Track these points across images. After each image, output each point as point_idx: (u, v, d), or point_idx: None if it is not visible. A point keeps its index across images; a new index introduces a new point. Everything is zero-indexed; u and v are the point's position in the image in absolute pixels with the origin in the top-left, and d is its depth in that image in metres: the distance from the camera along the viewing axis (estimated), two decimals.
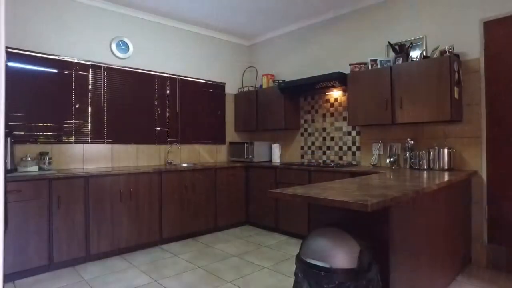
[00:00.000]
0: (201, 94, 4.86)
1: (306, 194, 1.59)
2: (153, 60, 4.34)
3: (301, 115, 4.65)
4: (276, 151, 4.79)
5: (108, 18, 3.93)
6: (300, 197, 1.59)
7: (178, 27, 4.60)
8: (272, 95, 4.60)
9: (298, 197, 1.60)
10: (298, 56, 4.70)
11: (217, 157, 5.05)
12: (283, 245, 3.71)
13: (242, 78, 5.40)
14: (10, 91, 3.26)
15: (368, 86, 3.52)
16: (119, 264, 3.15)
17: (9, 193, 2.77)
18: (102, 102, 3.85)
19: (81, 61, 3.71)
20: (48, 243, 2.96)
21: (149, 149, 4.28)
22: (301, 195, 1.58)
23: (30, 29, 3.40)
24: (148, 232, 3.61)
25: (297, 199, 1.61)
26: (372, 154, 3.84)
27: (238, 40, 5.34)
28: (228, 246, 3.72)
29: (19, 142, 3.29)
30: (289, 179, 4.02)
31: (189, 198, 4.00)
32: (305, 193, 1.61)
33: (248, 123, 5.02)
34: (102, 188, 3.28)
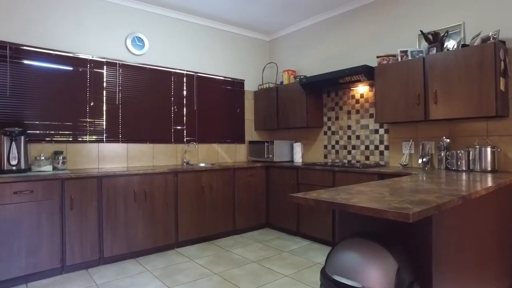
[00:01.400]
0: (219, 91, 4.69)
1: (332, 199, 1.37)
2: (170, 56, 4.21)
3: (324, 112, 4.39)
4: (297, 151, 4.56)
5: (124, 14, 3.83)
6: (325, 203, 1.37)
7: (196, 22, 4.45)
8: (294, 91, 4.36)
9: (323, 203, 1.38)
10: (320, 50, 4.44)
11: (236, 156, 4.87)
12: (306, 251, 3.48)
13: (262, 74, 5.19)
14: (26, 90, 3.20)
15: (397, 80, 3.23)
16: (133, 268, 3.02)
17: (22, 193, 2.69)
18: (117, 100, 3.75)
19: (96, 58, 3.62)
20: (60, 245, 2.87)
21: (166, 148, 4.15)
22: (327, 201, 1.36)
23: (46, 27, 3.34)
24: (163, 235, 3.47)
25: (322, 205, 1.38)
26: (402, 153, 3.54)
27: (258, 35, 5.14)
28: (246, 250, 3.52)
29: (34, 141, 3.23)
30: (312, 180, 3.78)
31: (206, 199, 3.84)
32: (331, 199, 1.39)
33: (268, 121, 4.81)
34: (115, 188, 3.16)
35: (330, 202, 1.35)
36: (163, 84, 4.13)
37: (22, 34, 3.22)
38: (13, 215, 2.66)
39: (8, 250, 2.64)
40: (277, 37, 5.12)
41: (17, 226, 2.68)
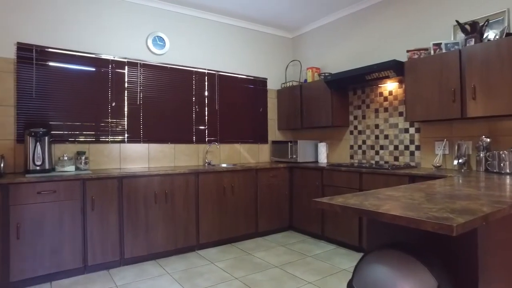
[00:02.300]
0: (241, 90, 4.60)
1: (360, 206, 1.22)
2: (191, 55, 4.16)
3: (351, 111, 4.20)
4: (322, 151, 4.39)
5: (144, 14, 3.82)
6: (353, 210, 1.23)
7: (217, 20, 4.38)
8: (318, 89, 4.20)
9: (350, 209, 1.24)
10: (346, 46, 4.25)
11: (259, 157, 4.76)
12: (331, 256, 3.31)
13: (285, 72, 5.06)
14: (50, 91, 3.24)
15: (430, 75, 3.00)
16: (153, 270, 2.98)
17: (45, 193, 2.71)
18: (138, 100, 3.75)
19: (118, 58, 3.63)
20: (82, 245, 2.87)
21: (187, 148, 4.11)
22: (355, 208, 1.22)
23: (70, 29, 3.38)
24: (184, 237, 3.42)
25: (348, 211, 1.24)
26: (435, 154, 3.30)
27: (281, 33, 5.00)
28: (269, 254, 3.40)
29: (58, 141, 3.27)
30: (337, 182, 3.60)
31: (228, 201, 3.76)
32: (359, 205, 1.25)
33: (292, 120, 4.67)
34: (136, 189, 3.14)
35: (358, 209, 1.21)
36: (184, 84, 4.09)
37: (47, 36, 3.27)
38: (37, 215, 2.69)
39: (33, 249, 2.67)
40: (300, 33, 4.97)
41: (41, 225, 2.70)
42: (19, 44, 3.13)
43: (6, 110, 3.07)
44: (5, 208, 2.59)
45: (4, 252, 2.58)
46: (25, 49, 3.15)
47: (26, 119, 3.13)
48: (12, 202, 2.61)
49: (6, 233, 2.59)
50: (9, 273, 2.60)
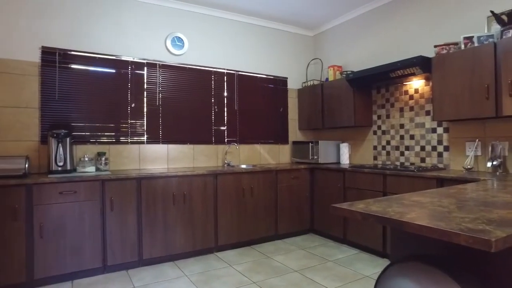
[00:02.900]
0: (261, 90, 4.54)
1: (383, 214, 1.12)
2: (210, 55, 4.14)
3: (374, 110, 4.03)
4: (344, 152, 4.25)
5: (163, 14, 3.83)
6: (375, 218, 1.13)
7: (236, 20, 4.34)
8: (340, 88, 4.07)
9: (371, 217, 1.14)
10: (369, 43, 4.09)
11: (279, 158, 4.68)
12: (353, 261, 3.18)
13: (306, 71, 4.94)
14: (72, 93, 3.31)
15: (460, 71, 2.82)
16: (170, 272, 2.97)
17: (66, 194, 2.75)
18: (157, 100, 3.76)
19: (137, 59, 3.65)
20: (102, 246, 2.90)
21: (206, 149, 4.09)
22: (377, 216, 1.12)
23: (91, 32, 3.43)
24: (202, 239, 3.39)
25: (370, 219, 1.15)
26: (466, 155, 3.10)
27: (301, 31, 4.90)
28: (288, 258, 3.32)
29: (79, 142, 3.32)
30: (360, 184, 3.46)
31: (247, 202, 3.70)
32: (381, 213, 1.15)
33: (313, 120, 4.55)
34: (154, 190, 3.14)
35: (381, 218, 1.11)
36: (203, 84, 4.07)
37: (69, 39, 3.33)
38: (59, 215, 2.74)
39: (55, 247, 2.72)
40: (321, 31, 4.84)
41: (63, 225, 2.75)
42: (44, 48, 3.21)
43: (32, 112, 3.15)
44: (29, 208, 2.65)
45: (28, 250, 2.64)
46: (48, 52, 3.22)
47: (49, 120, 3.20)
48: (36, 202, 2.66)
49: (31, 232, 2.65)
50: (34, 271, 2.66)
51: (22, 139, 3.11)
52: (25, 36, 3.15)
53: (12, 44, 3.10)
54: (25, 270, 2.63)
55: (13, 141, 3.08)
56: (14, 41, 3.11)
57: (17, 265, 2.61)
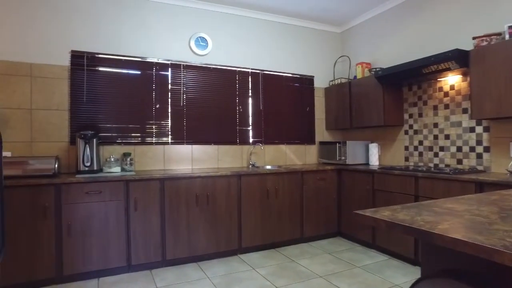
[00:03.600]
0: (286, 89, 4.44)
1: (411, 223, 1.01)
2: (233, 54, 4.10)
3: (405, 109, 3.82)
4: (374, 152, 4.06)
5: (187, 15, 3.84)
6: (401, 228, 1.02)
7: (260, 18, 4.27)
8: (368, 86, 3.89)
9: (398, 227, 1.03)
10: (399, 37, 3.88)
11: (306, 158, 4.56)
12: (382, 268, 3.02)
13: (334, 69, 4.79)
14: (99, 95, 3.38)
15: (504, 64, 2.58)
16: (193, 273, 2.95)
17: (92, 193, 2.81)
18: (182, 101, 3.77)
19: (161, 60, 3.68)
20: (126, 245, 2.94)
21: (231, 150, 4.05)
22: (403, 225, 1.01)
23: (117, 35, 3.50)
24: (225, 240, 3.36)
25: (396, 229, 1.04)
26: (510, 157, 2.84)
27: (328, 27, 4.75)
28: (314, 262, 3.20)
29: (106, 143, 3.40)
30: (389, 187, 3.29)
31: (271, 204, 3.62)
32: (409, 222, 1.03)
33: (340, 120, 4.40)
34: (177, 191, 3.14)
35: (408, 228, 0.99)
36: (228, 84, 4.04)
37: (97, 43, 3.41)
38: (85, 214, 2.80)
39: (82, 245, 2.79)
40: (349, 27, 4.66)
41: (89, 224, 2.81)
42: (73, 52, 3.31)
43: (62, 114, 3.26)
44: (58, 206, 2.73)
45: (58, 247, 2.72)
46: (77, 56, 3.32)
47: (78, 122, 3.29)
48: (64, 201, 2.74)
49: (59, 230, 2.73)
50: (63, 267, 2.73)
51: (53, 140, 3.23)
52: (56, 41, 3.27)
53: (45, 50, 3.22)
54: (55, 266, 2.72)
55: (45, 142, 3.20)
56: (47, 46, 3.23)
57: (48, 261, 2.69)
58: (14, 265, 2.59)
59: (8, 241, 2.58)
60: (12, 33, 3.12)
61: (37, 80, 3.19)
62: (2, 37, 3.09)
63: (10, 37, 3.12)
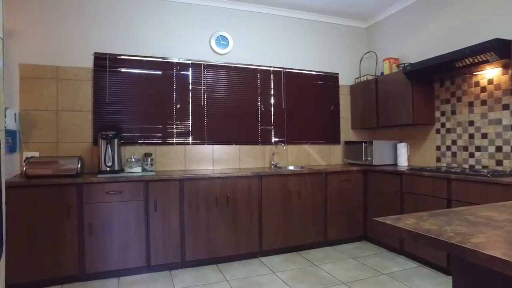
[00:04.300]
0: (310, 88, 4.31)
1: (438, 235, 0.88)
2: (255, 53, 4.03)
3: (437, 106, 3.58)
4: (402, 152, 3.85)
5: (207, 14, 3.81)
6: (426, 240, 0.89)
7: (282, 15, 4.17)
8: (396, 82, 3.68)
9: (422, 238, 0.91)
10: (429, 30, 3.64)
11: (331, 159, 4.41)
12: (411, 276, 2.83)
13: (359, 66, 4.60)
14: (121, 96, 3.42)
15: None
16: (212, 275, 2.90)
17: (112, 193, 2.84)
18: (202, 101, 3.74)
19: (182, 60, 3.67)
20: (146, 245, 2.94)
21: (252, 150, 3.98)
22: (429, 236, 0.88)
23: (138, 36, 3.53)
24: (246, 242, 3.29)
25: (420, 240, 0.91)
26: None
27: (353, 23, 4.56)
28: (337, 267, 3.06)
29: (128, 143, 3.43)
30: (419, 189, 3.08)
31: (293, 206, 3.51)
32: (436, 233, 0.90)
33: (366, 118, 4.21)
34: (197, 192, 3.11)
35: (435, 240, 0.87)
36: (249, 83, 3.97)
37: (118, 44, 3.45)
38: (106, 213, 2.83)
39: (103, 244, 2.82)
40: (375, 22, 4.46)
41: (109, 223, 2.84)
42: (96, 54, 3.36)
43: (86, 115, 3.33)
44: (80, 206, 2.77)
45: (80, 246, 2.77)
46: (100, 58, 3.37)
47: (101, 122, 3.34)
48: (85, 200, 2.78)
49: (81, 229, 2.77)
50: (85, 265, 2.77)
51: (77, 140, 3.30)
52: (80, 44, 3.33)
53: (70, 53, 3.30)
54: (78, 264, 2.76)
55: (70, 142, 3.28)
56: (72, 49, 3.31)
57: (71, 259, 2.74)
58: (41, 261, 2.66)
59: (34, 238, 2.65)
60: (39, 38, 3.22)
61: (63, 82, 3.27)
62: (30, 42, 3.20)
63: (37, 41, 3.22)
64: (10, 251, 2.60)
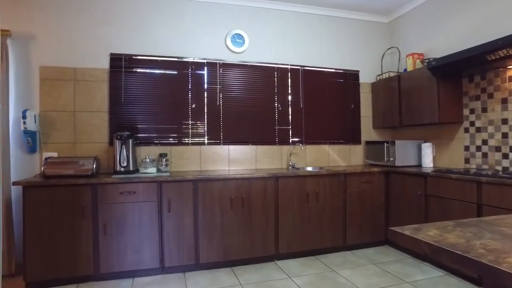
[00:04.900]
0: (329, 86, 4.17)
1: (465, 251, 0.76)
2: (272, 51, 3.93)
3: (465, 103, 3.35)
4: (427, 153, 3.64)
5: (222, 12, 3.74)
6: (450, 256, 0.77)
7: (298, 11, 4.05)
8: (421, 79, 3.48)
9: (445, 253, 0.79)
10: (457, 22, 3.41)
11: (351, 159, 4.25)
12: (437, 286, 2.65)
13: (381, 62, 4.40)
14: (137, 96, 3.42)
15: None
16: (226, 279, 2.83)
17: (126, 194, 2.82)
18: (218, 100, 3.68)
19: (197, 59, 3.63)
20: (159, 247, 2.91)
21: (269, 150, 3.89)
22: (454, 253, 0.76)
23: (153, 36, 3.52)
24: (261, 246, 3.20)
25: (444, 257, 0.79)
26: None
27: (374, 17, 4.38)
28: (356, 273, 2.92)
29: (143, 143, 3.42)
30: (446, 193, 2.88)
31: (311, 208, 3.39)
32: (463, 248, 0.78)
33: (389, 117, 4.02)
34: (211, 193, 3.05)
35: (461, 257, 0.75)
36: (266, 81, 3.88)
37: (133, 44, 3.45)
38: (120, 214, 2.82)
39: (117, 245, 2.81)
40: (398, 16, 4.25)
41: (123, 224, 2.82)
42: (112, 54, 3.38)
43: (102, 116, 3.35)
44: (95, 206, 2.77)
45: (95, 246, 2.77)
46: (116, 58, 3.38)
47: (116, 123, 3.35)
48: (100, 200, 2.78)
49: (96, 229, 2.78)
50: (100, 265, 2.78)
51: (94, 141, 3.32)
52: (97, 45, 3.36)
53: (87, 54, 3.33)
54: (93, 264, 2.77)
55: (87, 143, 3.31)
56: (89, 51, 3.33)
57: (86, 258, 2.75)
58: (58, 260, 2.69)
59: (52, 237, 2.68)
60: (57, 41, 3.26)
61: (80, 84, 3.30)
62: (49, 45, 3.24)
63: (56, 44, 3.26)
64: (30, 249, 2.64)
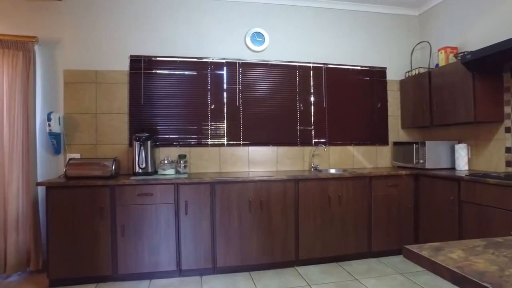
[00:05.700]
0: (354, 84, 3.98)
1: (497, 285, 0.62)
2: (293, 48, 3.80)
3: (506, 100, 3.06)
4: (461, 155, 3.37)
5: (241, 11, 3.67)
6: (474, 287, 0.64)
7: (321, 7, 3.89)
8: (454, 74, 3.23)
9: (472, 284, 0.65)
10: (493, 12, 3.12)
11: (377, 161, 4.04)
12: None
13: (411, 58, 4.15)
14: (156, 97, 3.42)
15: None
16: (243, 284, 2.75)
17: (143, 196, 2.82)
18: (238, 100, 3.61)
19: (216, 59, 3.57)
20: (176, 249, 2.88)
21: (291, 151, 3.76)
22: (483, 286, 0.63)
23: (172, 37, 3.51)
24: (281, 250, 3.09)
25: (467, 287, 0.66)
26: None
27: (403, 11, 4.13)
28: (381, 283, 2.74)
29: (163, 145, 3.42)
30: (482, 199, 2.64)
31: (333, 212, 3.24)
32: (494, 279, 0.64)
33: (419, 116, 3.77)
34: (229, 195, 2.98)
35: None
36: (287, 80, 3.76)
37: (153, 46, 3.46)
38: (137, 216, 2.82)
39: (134, 246, 2.81)
40: (429, 8, 3.98)
41: (141, 226, 2.82)
42: (132, 57, 3.40)
43: (122, 117, 3.37)
44: (113, 208, 2.79)
45: (113, 247, 2.79)
46: (135, 60, 3.40)
47: (136, 124, 3.37)
48: (118, 202, 2.79)
49: (114, 230, 2.79)
50: (118, 266, 2.79)
51: (115, 142, 3.35)
52: (117, 48, 3.39)
53: (107, 57, 3.37)
54: (111, 264, 2.78)
55: (108, 144, 3.35)
56: (109, 53, 3.38)
57: (105, 259, 2.77)
58: (79, 259, 2.73)
59: (74, 237, 2.73)
60: (80, 44, 3.33)
61: (101, 86, 3.35)
62: (72, 49, 3.32)
63: (79, 48, 3.33)
64: (53, 248, 2.70)
